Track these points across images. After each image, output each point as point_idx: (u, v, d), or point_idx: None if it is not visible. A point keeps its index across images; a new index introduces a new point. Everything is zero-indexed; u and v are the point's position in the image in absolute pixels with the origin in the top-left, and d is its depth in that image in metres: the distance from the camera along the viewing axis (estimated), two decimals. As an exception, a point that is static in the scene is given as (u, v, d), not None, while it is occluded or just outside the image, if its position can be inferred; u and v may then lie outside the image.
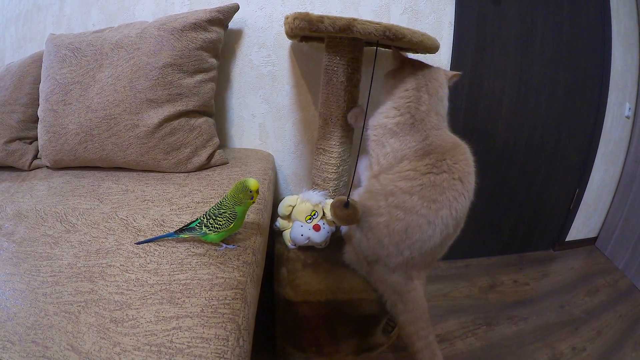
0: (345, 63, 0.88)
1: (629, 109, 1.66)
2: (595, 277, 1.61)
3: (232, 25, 1.09)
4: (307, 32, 0.72)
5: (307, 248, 0.97)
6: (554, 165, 1.58)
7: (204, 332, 0.45)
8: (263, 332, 1.03)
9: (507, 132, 1.44)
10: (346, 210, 0.78)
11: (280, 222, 1.00)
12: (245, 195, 0.62)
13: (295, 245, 0.96)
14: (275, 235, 1.05)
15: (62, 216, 0.73)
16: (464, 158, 0.78)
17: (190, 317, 0.47)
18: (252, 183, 0.62)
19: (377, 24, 0.70)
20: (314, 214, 0.94)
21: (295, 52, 1.16)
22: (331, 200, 0.95)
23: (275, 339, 0.95)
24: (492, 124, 1.41)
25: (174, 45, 0.90)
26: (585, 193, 1.68)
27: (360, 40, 0.88)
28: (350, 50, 0.87)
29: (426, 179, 0.74)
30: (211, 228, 0.61)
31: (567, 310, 1.35)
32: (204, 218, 0.62)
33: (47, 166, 1.03)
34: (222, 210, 0.61)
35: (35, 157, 1.06)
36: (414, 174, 0.76)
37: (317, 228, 0.92)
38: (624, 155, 1.76)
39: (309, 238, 0.92)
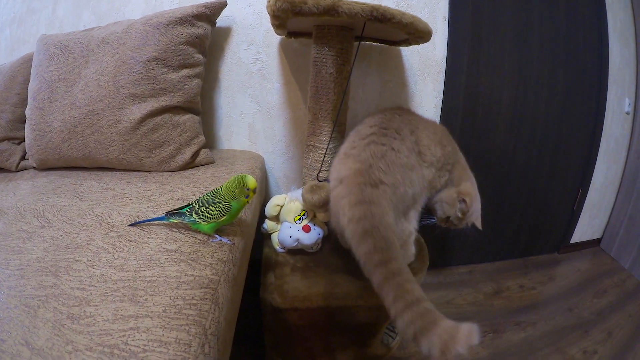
0: (334, 54, 0.85)
1: (629, 104, 1.63)
2: (602, 278, 1.58)
3: (220, 23, 1.08)
4: (290, 15, 0.69)
5: (297, 251, 0.92)
6: (556, 164, 1.54)
7: (163, 335, 0.41)
8: (252, 343, 0.99)
9: (507, 131, 1.40)
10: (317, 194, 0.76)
11: (267, 224, 0.95)
12: (241, 191, 0.59)
13: (284, 248, 0.91)
14: (263, 238, 1.00)
15: (39, 212, 0.71)
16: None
17: (151, 317, 0.43)
18: (251, 181, 0.59)
19: (364, 4, 0.68)
20: (304, 215, 0.90)
21: (284, 49, 1.14)
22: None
23: (264, 351, 0.90)
24: (491, 123, 1.37)
25: (159, 39, 0.89)
26: (588, 192, 1.64)
27: (350, 31, 0.86)
28: (339, 41, 0.85)
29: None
30: (201, 216, 0.58)
31: (576, 313, 1.31)
32: (195, 204, 0.59)
33: (34, 167, 1.03)
34: (217, 200, 0.58)
35: (23, 157, 1.05)
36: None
37: (306, 229, 0.87)
38: (625, 152, 1.72)
39: (298, 240, 0.86)
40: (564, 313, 1.30)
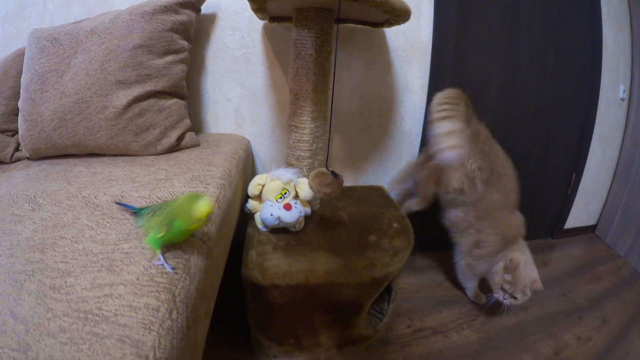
0: (314, 35, 0.86)
1: (624, 90, 1.59)
2: (597, 265, 1.55)
3: (206, 9, 1.09)
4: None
5: (280, 230, 0.93)
6: (548, 149, 1.52)
7: (134, 301, 0.44)
8: (241, 323, 0.99)
9: (496, 112, 1.38)
10: (337, 180, 0.78)
11: (251, 204, 0.97)
12: (189, 219, 0.47)
13: (266, 227, 0.93)
14: (248, 219, 1.02)
15: (31, 198, 0.74)
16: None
17: (124, 285, 0.46)
18: (202, 209, 0.47)
19: (337, -17, 0.68)
20: (285, 193, 0.91)
21: (268, 34, 1.15)
22: (304, 179, 0.93)
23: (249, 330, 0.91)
24: (479, 105, 1.33)
25: (144, 27, 0.90)
26: (582, 178, 1.62)
27: (329, 13, 0.87)
28: (318, 23, 0.86)
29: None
30: (144, 224, 0.51)
31: (570, 298, 1.29)
32: (151, 210, 0.52)
33: (27, 157, 1.04)
34: (162, 210, 0.50)
35: (17, 149, 1.07)
36: None
37: (288, 207, 0.88)
38: (620, 139, 1.69)
39: (279, 218, 0.88)
40: (557, 298, 1.28)
